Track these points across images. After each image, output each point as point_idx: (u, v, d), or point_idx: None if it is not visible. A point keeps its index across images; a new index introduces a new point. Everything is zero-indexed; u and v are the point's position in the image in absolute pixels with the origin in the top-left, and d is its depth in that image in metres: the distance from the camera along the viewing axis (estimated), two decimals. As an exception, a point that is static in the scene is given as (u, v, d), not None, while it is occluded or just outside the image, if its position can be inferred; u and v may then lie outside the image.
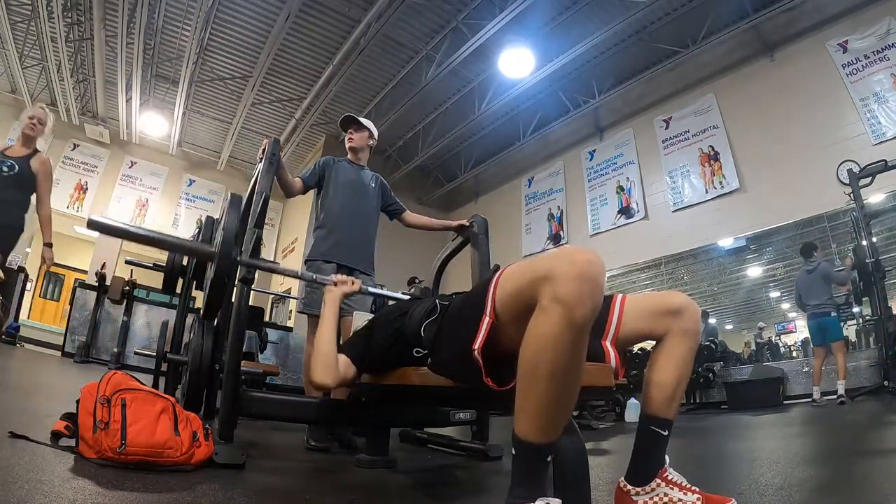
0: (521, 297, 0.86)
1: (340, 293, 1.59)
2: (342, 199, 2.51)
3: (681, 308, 1.06)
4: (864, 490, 1.33)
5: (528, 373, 0.79)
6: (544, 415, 0.80)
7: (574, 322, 0.74)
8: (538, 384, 0.78)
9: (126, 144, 9.38)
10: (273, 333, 6.38)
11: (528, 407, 0.80)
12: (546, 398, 0.79)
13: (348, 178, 2.56)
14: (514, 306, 0.88)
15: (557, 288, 0.75)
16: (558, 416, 0.82)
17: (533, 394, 0.79)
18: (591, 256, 0.78)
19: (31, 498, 0.89)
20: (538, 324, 0.78)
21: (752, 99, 6.23)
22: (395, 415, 1.92)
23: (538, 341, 0.77)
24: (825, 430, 3.08)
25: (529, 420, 0.81)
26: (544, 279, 0.78)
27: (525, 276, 0.86)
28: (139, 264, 3.58)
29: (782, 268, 6.75)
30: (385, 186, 2.71)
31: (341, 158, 2.64)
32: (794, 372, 5.29)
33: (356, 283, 1.64)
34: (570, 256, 0.78)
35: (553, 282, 0.76)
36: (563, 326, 0.74)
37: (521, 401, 0.81)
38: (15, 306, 7.03)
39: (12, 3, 6.52)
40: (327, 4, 6.19)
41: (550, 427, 0.82)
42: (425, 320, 1.18)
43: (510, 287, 0.90)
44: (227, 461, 1.41)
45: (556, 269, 0.77)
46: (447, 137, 8.09)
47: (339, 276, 1.65)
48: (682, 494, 1.00)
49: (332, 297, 1.56)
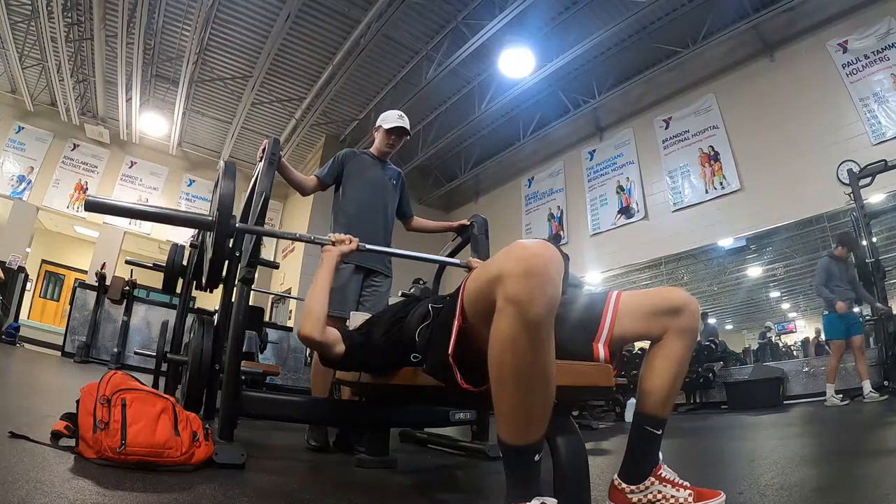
0: (482, 299, 0.83)
1: (338, 252, 1.58)
2: (362, 196, 2.43)
3: (680, 306, 1.04)
4: (864, 490, 1.33)
5: (496, 376, 0.77)
6: (518, 417, 0.79)
7: (528, 321, 0.71)
8: (505, 387, 0.77)
9: (126, 144, 9.38)
10: (273, 333, 6.39)
11: (502, 410, 0.79)
12: (516, 400, 0.77)
13: (369, 174, 2.48)
14: (479, 308, 0.86)
15: (507, 288, 0.73)
16: (534, 417, 0.80)
17: (504, 396, 0.78)
18: (538, 249, 0.74)
19: (31, 498, 0.89)
20: (496, 326, 0.75)
21: (752, 99, 6.23)
22: (395, 415, 1.91)
23: (498, 344, 0.75)
24: (825, 430, 3.08)
25: (506, 423, 0.80)
26: (496, 280, 0.75)
27: (482, 277, 0.83)
28: (139, 264, 3.57)
29: (782, 268, 6.74)
30: (404, 185, 2.63)
31: (364, 151, 2.57)
32: (794, 372, 5.29)
33: (353, 242, 1.63)
34: (515, 253, 0.74)
35: (503, 282, 0.74)
36: (518, 328, 0.72)
37: (496, 403, 0.79)
38: (15, 306, 7.05)
39: (12, 3, 6.52)
40: (327, 4, 6.19)
41: (529, 428, 0.80)
42: (420, 325, 1.18)
43: (473, 289, 0.88)
44: (227, 461, 1.41)
45: (503, 269, 0.74)
46: (447, 137, 8.09)
47: (337, 235, 1.63)
48: (675, 491, 1.00)
49: (329, 257, 1.55)
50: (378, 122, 2.54)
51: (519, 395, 0.76)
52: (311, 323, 1.34)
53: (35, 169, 8.68)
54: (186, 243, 3.13)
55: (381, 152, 2.53)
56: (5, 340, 6.39)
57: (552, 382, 0.78)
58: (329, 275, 1.50)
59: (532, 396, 0.77)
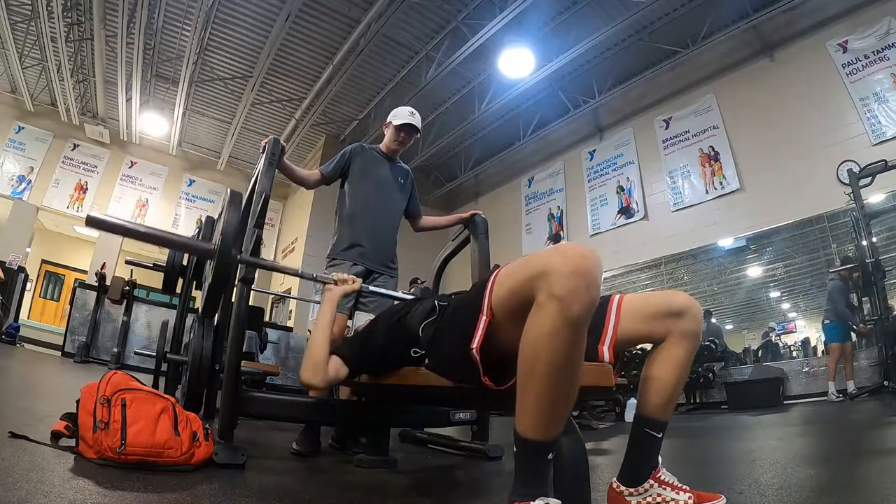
0: (517, 295, 0.85)
1: (340, 292, 1.57)
2: (367, 193, 2.35)
3: (682, 309, 1.04)
4: (864, 490, 1.33)
5: (527, 370, 0.79)
6: (544, 412, 0.80)
7: (570, 318, 0.74)
8: (537, 381, 0.78)
9: (126, 144, 9.38)
10: (273, 333, 6.39)
11: (527, 404, 0.80)
12: (545, 395, 0.79)
13: (377, 171, 2.40)
14: (511, 305, 0.88)
15: (553, 284, 0.75)
16: (558, 413, 0.81)
17: (532, 391, 0.79)
18: (586, 252, 0.77)
19: (31, 498, 0.89)
20: (535, 320, 0.77)
21: (752, 99, 6.23)
22: (395, 415, 1.91)
23: (536, 338, 0.77)
24: (825, 430, 3.09)
25: (529, 417, 0.81)
26: (540, 276, 0.78)
27: (521, 273, 0.85)
28: (139, 264, 3.58)
29: (782, 268, 6.74)
30: (413, 184, 2.56)
31: (373, 147, 2.49)
32: (794, 372, 5.29)
33: (356, 283, 1.62)
34: (564, 252, 0.77)
35: (548, 278, 0.76)
36: (559, 323, 0.74)
37: (521, 398, 0.81)
38: (15, 306, 7.04)
39: (12, 3, 6.52)
40: (327, 4, 6.19)
41: (550, 424, 0.82)
42: (424, 320, 1.18)
43: (507, 285, 0.90)
44: (227, 461, 1.41)
45: (550, 266, 0.76)
46: (447, 137, 8.09)
47: (340, 275, 1.62)
48: (675, 494, 1.00)
49: (330, 297, 1.54)
50: (388, 118, 2.48)
51: (549, 390, 0.78)
52: (311, 369, 1.31)
53: (35, 169, 8.68)
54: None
55: (389, 149, 2.47)
56: (5, 340, 6.39)
57: (579, 381, 0.81)
58: (330, 316, 1.47)
59: (561, 391, 0.79)
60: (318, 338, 1.38)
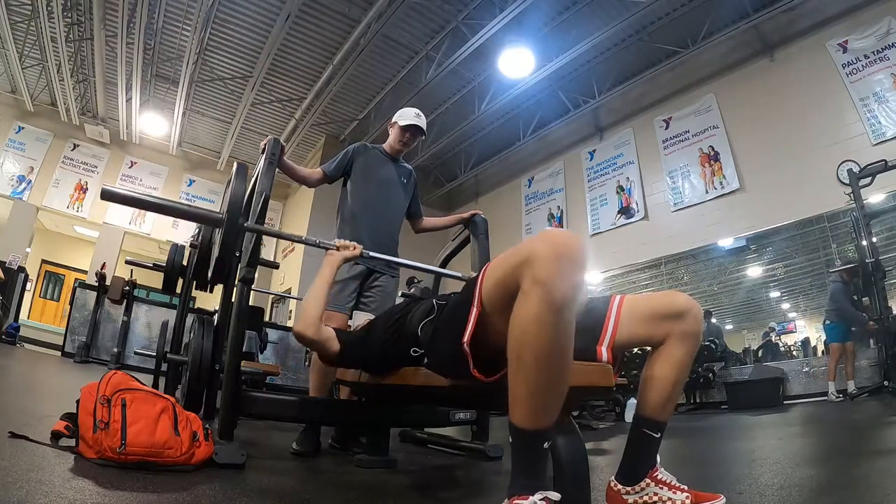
0: (505, 284, 0.85)
1: (341, 257, 1.62)
2: (370, 192, 2.36)
3: (683, 311, 1.04)
4: (864, 490, 1.33)
5: (515, 358, 0.79)
6: (535, 400, 0.80)
7: (554, 302, 0.73)
8: (525, 369, 0.78)
9: (126, 144, 9.38)
10: (273, 333, 6.38)
11: (518, 393, 0.80)
12: (534, 382, 0.78)
13: (379, 171, 2.41)
14: (500, 295, 0.88)
15: (536, 269, 0.75)
16: (549, 401, 0.81)
17: (521, 379, 0.79)
18: (569, 236, 0.78)
19: (31, 498, 0.89)
20: (520, 307, 0.78)
21: (752, 99, 6.23)
22: (395, 415, 1.91)
23: (521, 325, 0.77)
24: (825, 430, 3.09)
25: (521, 406, 0.81)
26: (524, 263, 0.78)
27: (507, 262, 0.86)
28: (139, 264, 3.57)
29: (782, 268, 6.74)
30: (416, 185, 2.57)
31: (376, 146, 2.49)
32: (794, 372, 5.29)
33: (357, 248, 1.66)
34: (547, 238, 0.78)
35: (532, 264, 0.76)
36: (543, 308, 0.74)
37: (512, 387, 0.81)
38: (15, 306, 7.04)
39: (12, 3, 6.52)
40: (327, 4, 6.19)
41: (543, 412, 0.81)
42: (423, 320, 1.18)
43: (495, 275, 0.90)
44: (227, 461, 1.41)
45: (533, 252, 0.77)
46: (447, 137, 8.09)
47: (342, 241, 1.67)
48: (672, 493, 1.01)
49: (330, 261, 1.59)
50: (394, 119, 2.48)
51: (537, 376, 0.78)
52: (306, 321, 1.39)
53: (35, 169, 8.68)
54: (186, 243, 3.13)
55: (393, 149, 2.47)
56: (5, 340, 6.39)
57: (569, 366, 0.81)
58: (329, 277, 1.53)
59: (550, 378, 0.79)
60: (315, 294, 1.46)
